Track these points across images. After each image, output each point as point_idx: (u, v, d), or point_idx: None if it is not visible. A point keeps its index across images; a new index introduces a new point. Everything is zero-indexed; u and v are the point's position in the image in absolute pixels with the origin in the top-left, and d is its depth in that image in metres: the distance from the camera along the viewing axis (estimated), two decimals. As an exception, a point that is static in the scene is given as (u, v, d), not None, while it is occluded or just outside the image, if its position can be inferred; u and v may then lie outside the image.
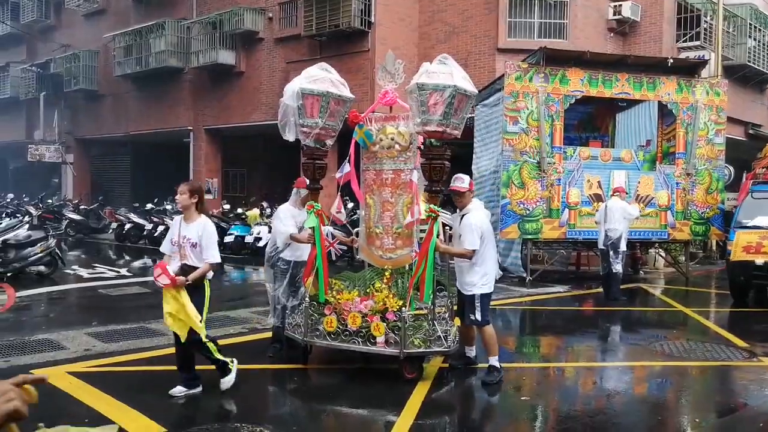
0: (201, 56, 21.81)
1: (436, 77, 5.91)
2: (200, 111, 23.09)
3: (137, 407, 5.48)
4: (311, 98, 6.37)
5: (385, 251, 6.99)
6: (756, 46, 21.50)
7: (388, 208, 6.94)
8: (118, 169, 29.73)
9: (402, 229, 6.85)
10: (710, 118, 13.98)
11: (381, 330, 6.18)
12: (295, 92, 6.33)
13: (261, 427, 5.12)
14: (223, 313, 9.53)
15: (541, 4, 17.64)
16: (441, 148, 6.15)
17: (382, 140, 6.92)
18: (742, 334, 8.72)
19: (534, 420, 5.72)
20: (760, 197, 11.77)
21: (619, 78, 13.27)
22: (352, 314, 6.28)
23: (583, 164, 13.14)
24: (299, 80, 6.42)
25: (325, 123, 6.51)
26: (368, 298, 6.51)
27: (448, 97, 5.81)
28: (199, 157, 23.42)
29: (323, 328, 6.40)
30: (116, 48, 24.64)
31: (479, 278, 6.40)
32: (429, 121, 5.94)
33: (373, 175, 7.08)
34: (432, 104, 5.87)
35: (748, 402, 6.18)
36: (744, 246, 10.79)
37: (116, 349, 7.47)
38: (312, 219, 6.65)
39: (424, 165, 6.31)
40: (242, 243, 16.84)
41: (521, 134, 12.68)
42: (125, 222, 20.63)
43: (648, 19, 18.70)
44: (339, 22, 17.69)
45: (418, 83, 5.91)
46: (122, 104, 25.85)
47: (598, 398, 6.23)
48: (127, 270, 14.58)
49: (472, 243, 6.23)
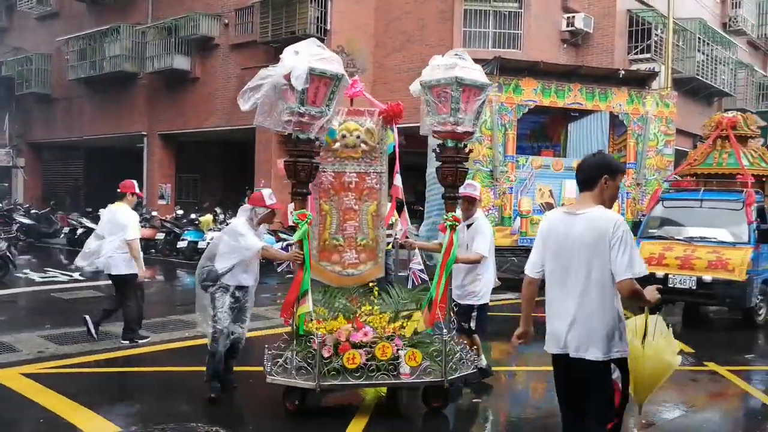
0: (156, 61, 21.61)
1: (438, 72, 5.49)
2: (155, 116, 22.85)
3: (92, 408, 5.53)
4: (317, 81, 5.20)
5: (346, 267, 6.15)
6: (705, 60, 22.09)
7: (350, 216, 6.13)
8: (71, 174, 29.25)
9: (367, 241, 6.19)
10: (660, 130, 14.28)
11: (418, 359, 5.43)
12: (305, 73, 5.06)
13: (217, 427, 5.16)
14: (177, 317, 9.58)
15: (496, 14, 17.86)
16: (454, 149, 5.64)
17: (345, 137, 6.07)
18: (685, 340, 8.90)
19: (486, 422, 5.84)
20: (670, 206, 11.27)
21: (571, 88, 13.47)
22: (382, 345, 5.36)
23: (536, 173, 13.28)
24: (302, 58, 5.16)
25: (327, 112, 5.40)
26: (362, 324, 5.60)
27: (453, 91, 5.33)
28: (153, 162, 23.17)
29: (341, 365, 5.26)
30: (70, 52, 24.26)
31: (482, 287, 6.21)
32: (437, 121, 5.50)
33: (331, 177, 6.13)
34: (438, 102, 5.44)
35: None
36: (647, 257, 10.03)
37: (70, 351, 7.47)
38: (304, 232, 5.49)
39: (438, 169, 5.76)
40: (195, 249, 16.64)
41: (474, 143, 12.76)
42: (78, 227, 20.25)
43: (600, 31, 19.08)
44: (295, 29, 17.65)
45: (421, 81, 5.55)
46: (76, 108, 25.46)
47: (550, 402, 6.30)
48: (79, 274, 14.32)
49: (485, 249, 6.01)
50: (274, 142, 19.46)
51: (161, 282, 14.52)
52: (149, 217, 19.54)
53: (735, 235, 10.02)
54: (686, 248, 10.07)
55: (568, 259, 3.61)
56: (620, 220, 3.57)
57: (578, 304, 3.58)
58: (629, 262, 3.45)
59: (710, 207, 10.58)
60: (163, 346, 7.99)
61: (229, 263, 5.85)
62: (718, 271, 9.57)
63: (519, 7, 17.88)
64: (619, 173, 3.71)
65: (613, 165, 3.74)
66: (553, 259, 3.71)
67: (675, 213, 11.11)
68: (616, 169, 3.70)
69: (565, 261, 3.63)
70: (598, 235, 3.51)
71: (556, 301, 3.73)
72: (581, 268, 3.56)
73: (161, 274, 15.37)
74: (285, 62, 5.14)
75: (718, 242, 10.10)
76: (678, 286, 9.78)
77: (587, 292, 3.56)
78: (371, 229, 6.18)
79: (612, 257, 3.47)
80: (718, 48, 23.17)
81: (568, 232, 3.62)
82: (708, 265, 9.66)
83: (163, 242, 17.85)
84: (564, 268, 3.63)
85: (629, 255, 3.45)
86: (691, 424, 5.91)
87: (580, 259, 3.56)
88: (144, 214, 20.39)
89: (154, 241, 18.22)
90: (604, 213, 3.58)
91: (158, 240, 18.04)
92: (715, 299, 9.94)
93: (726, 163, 11.15)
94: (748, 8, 25.95)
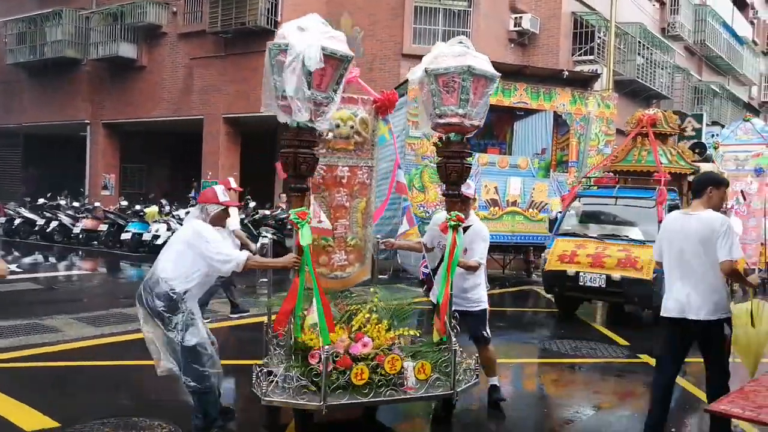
0: (101, 48, 21.20)
1: (445, 60, 4.96)
2: (99, 104, 22.39)
3: (29, 403, 5.39)
4: (326, 63, 4.50)
5: (334, 269, 5.54)
6: (644, 63, 22.82)
7: (342, 214, 5.54)
8: (8, 162, 28.27)
9: (356, 241, 5.67)
10: (601, 130, 14.75)
11: (427, 370, 4.96)
12: (318, 53, 4.41)
13: (159, 421, 5.11)
14: (119, 310, 9.40)
15: (445, 12, 18.10)
16: (460, 143, 5.16)
17: (339, 126, 5.42)
18: (621, 334, 9.28)
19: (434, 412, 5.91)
20: (586, 203, 11.09)
21: (517, 88, 13.79)
22: (391, 357, 4.79)
23: (482, 170, 13.55)
24: (312, 36, 4.53)
25: (333, 97, 4.72)
26: (361, 335, 4.96)
27: (462, 81, 4.85)
28: (96, 151, 22.69)
29: (349, 382, 4.66)
30: (8, 35, 23.56)
31: (483, 292, 5.92)
32: (443, 113, 5.00)
33: (323, 171, 5.42)
34: (445, 92, 4.94)
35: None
36: (559, 255, 10.09)
37: (6, 345, 7.26)
38: (307, 234, 4.68)
39: (440, 165, 5.28)
40: (140, 240, 16.44)
41: (423, 139, 12.97)
42: (15, 216, 19.72)
43: (546, 32, 19.51)
44: (245, 20, 17.59)
45: (427, 68, 4.99)
46: (14, 94, 24.68)
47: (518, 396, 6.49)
48: (17, 266, 13.99)
49: (484, 256, 5.72)
50: (222, 134, 19.37)
51: (104, 274, 14.31)
52: (92, 208, 19.15)
53: (646, 233, 9.81)
54: (598, 246, 9.94)
55: (682, 246, 4.79)
56: (725, 219, 4.75)
57: (694, 279, 4.73)
58: (729, 249, 4.59)
59: (624, 204, 10.50)
60: (105, 340, 7.82)
61: (193, 281, 4.80)
62: (626, 270, 9.45)
63: (468, 5, 18.15)
64: (722, 186, 4.91)
65: (717, 180, 4.96)
66: (668, 247, 4.92)
67: (590, 210, 10.98)
68: (719, 183, 4.91)
69: (678, 247, 4.82)
70: (709, 230, 4.66)
71: (673, 276, 4.87)
72: (695, 252, 4.72)
73: (104, 267, 15.16)
74: (290, 40, 4.48)
75: (629, 240, 9.96)
76: (588, 284, 9.66)
77: (699, 270, 4.71)
78: (360, 227, 5.67)
79: (717, 245, 4.62)
80: (657, 52, 23.93)
81: (683, 227, 4.81)
82: (617, 263, 9.52)
83: (106, 234, 17.53)
84: (680, 252, 4.81)
85: (729, 244, 4.59)
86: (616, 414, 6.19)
87: (694, 247, 4.72)
88: (86, 204, 20.03)
89: (96, 232, 17.90)
90: (712, 214, 4.78)
91: (101, 231, 17.70)
92: (624, 298, 9.78)
93: (645, 161, 11.04)
94: (685, 15, 26.80)
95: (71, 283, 13.06)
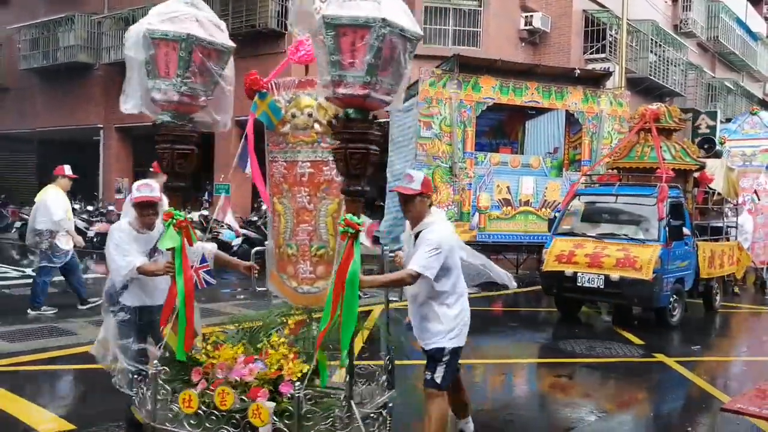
0: (113, 52, 21.24)
1: (354, 7, 3.39)
2: (111, 109, 22.44)
3: (45, 405, 5.45)
4: (165, 46, 3.85)
5: (301, 282, 4.52)
6: (657, 60, 22.68)
7: (305, 218, 4.50)
8: (23, 167, 28.51)
9: (326, 251, 4.46)
10: (613, 128, 14.67)
11: (265, 417, 3.47)
12: (141, 37, 3.86)
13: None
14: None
15: (456, 12, 18.08)
16: (363, 122, 3.60)
17: (294, 117, 4.48)
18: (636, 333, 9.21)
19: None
20: (585, 201, 10.84)
21: (529, 87, 13.75)
22: (221, 389, 3.59)
23: (494, 170, 13.54)
24: (147, 19, 3.94)
25: (189, 85, 3.92)
26: (258, 357, 3.86)
27: (373, 38, 3.36)
28: (110, 155, 22.85)
29: (178, 407, 3.67)
30: (22, 40, 23.74)
31: (449, 324, 4.41)
32: (343, 79, 3.45)
33: (283, 168, 4.57)
34: (347, 51, 3.42)
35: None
36: (557, 255, 9.88)
37: (23, 349, 7.32)
38: (172, 236, 4.03)
39: (337, 150, 3.66)
40: (154, 244, 16.54)
41: (434, 139, 12.96)
42: (29, 221, 19.86)
43: (557, 31, 19.45)
44: (256, 23, 17.65)
45: (326, 16, 3.40)
46: (28, 99, 24.85)
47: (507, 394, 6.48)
48: (32, 270, 14.06)
49: (420, 263, 4.18)
50: (234, 136, 19.39)
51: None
52: (105, 212, 19.26)
53: (645, 232, 9.67)
54: (597, 245, 9.69)
55: None
56: None
57: None
58: None
59: (624, 203, 10.25)
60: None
61: (117, 282, 4.64)
62: (625, 270, 9.20)
63: (479, 5, 18.13)
64: None
65: None
66: None
67: (589, 209, 10.73)
68: None
69: None
70: None
71: None
72: None
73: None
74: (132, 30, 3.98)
75: (629, 239, 9.70)
76: (586, 285, 9.44)
77: None
78: (331, 235, 4.40)
79: None
80: (669, 49, 23.80)
81: None
82: (616, 263, 9.28)
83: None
84: None
85: None
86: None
87: None
88: (100, 208, 20.13)
89: (110, 235, 17.96)
90: None
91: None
92: (623, 298, 9.56)
93: (648, 157, 10.63)
94: (697, 11, 26.65)
95: (86, 286, 13.06)
